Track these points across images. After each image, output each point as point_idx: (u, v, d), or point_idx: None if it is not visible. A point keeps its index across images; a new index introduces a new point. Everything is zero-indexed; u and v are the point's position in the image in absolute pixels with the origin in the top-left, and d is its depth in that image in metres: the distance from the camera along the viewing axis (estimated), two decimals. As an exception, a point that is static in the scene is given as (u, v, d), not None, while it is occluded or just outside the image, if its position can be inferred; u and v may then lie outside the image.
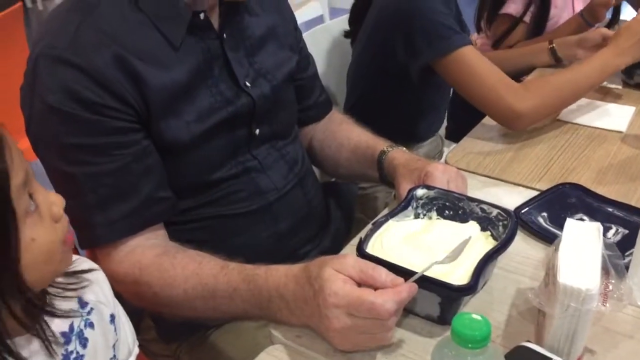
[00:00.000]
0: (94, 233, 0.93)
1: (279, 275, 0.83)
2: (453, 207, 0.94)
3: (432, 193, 0.96)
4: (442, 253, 0.81)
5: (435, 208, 0.95)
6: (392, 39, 1.39)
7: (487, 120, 1.41)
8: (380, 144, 1.18)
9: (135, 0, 0.94)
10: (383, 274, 0.74)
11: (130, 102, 0.91)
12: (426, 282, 0.77)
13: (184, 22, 0.96)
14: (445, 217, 0.95)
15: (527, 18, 1.87)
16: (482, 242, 0.88)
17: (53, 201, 0.65)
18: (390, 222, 0.90)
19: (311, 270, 0.78)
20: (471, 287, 0.77)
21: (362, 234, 0.88)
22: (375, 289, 0.74)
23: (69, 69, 0.87)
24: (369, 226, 0.89)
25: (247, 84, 1.04)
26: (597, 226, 0.79)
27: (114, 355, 0.78)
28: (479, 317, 0.59)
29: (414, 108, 1.57)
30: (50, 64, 0.88)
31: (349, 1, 1.64)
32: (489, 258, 0.82)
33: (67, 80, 0.87)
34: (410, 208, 0.95)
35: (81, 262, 0.77)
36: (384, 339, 0.76)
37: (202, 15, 0.98)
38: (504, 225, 0.90)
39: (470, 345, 0.57)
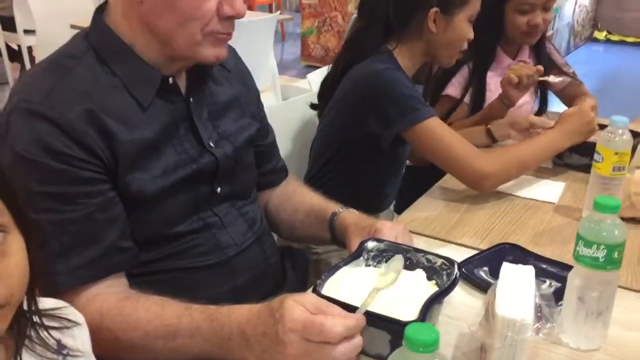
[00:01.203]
0: (56, 280, 0.95)
1: (241, 311, 0.87)
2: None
3: (381, 245, 1.03)
4: (387, 292, 0.88)
5: (384, 259, 1.02)
6: (364, 112, 1.51)
7: (434, 189, 1.54)
8: (331, 206, 1.25)
9: (108, 65, 1.02)
10: (336, 309, 0.80)
11: (98, 154, 0.96)
12: (376, 319, 0.83)
13: (153, 86, 1.04)
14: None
15: (467, 99, 2.03)
16: (429, 289, 0.95)
17: None
18: (344, 268, 0.96)
19: (273, 304, 0.83)
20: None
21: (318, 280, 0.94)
22: None
23: (41, 121, 0.93)
24: (323, 274, 0.95)
25: (211, 144, 1.12)
26: (530, 268, 0.88)
27: None
28: (428, 326, 0.65)
29: (374, 179, 1.67)
30: (24, 117, 0.94)
31: (299, 93, 1.80)
32: (435, 298, 0.88)
33: (39, 131, 0.93)
34: (361, 259, 1.01)
35: (71, 311, 0.80)
36: None
37: (170, 80, 1.07)
38: (448, 274, 0.97)
39: (421, 349, 0.62)
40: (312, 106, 1.78)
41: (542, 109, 2.14)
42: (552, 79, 1.87)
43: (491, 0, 1.89)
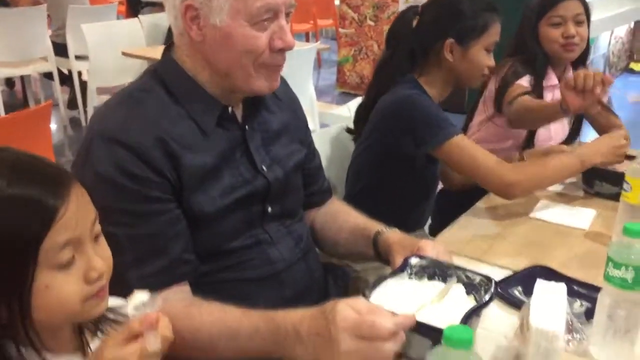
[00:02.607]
0: (128, 287, 1.05)
1: (296, 314, 0.97)
2: (442, 274, 1.09)
3: (424, 262, 1.11)
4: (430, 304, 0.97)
5: (426, 275, 1.10)
6: (397, 136, 1.64)
7: (468, 214, 1.62)
8: (375, 225, 1.33)
9: (176, 96, 1.14)
10: (386, 311, 0.90)
11: (167, 176, 1.08)
12: (420, 327, 0.91)
13: (214, 115, 1.16)
14: (436, 281, 1.09)
15: None
16: (468, 303, 1.03)
17: (94, 267, 0.78)
18: (389, 280, 1.05)
19: (326, 306, 0.92)
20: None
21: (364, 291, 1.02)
22: None
23: (119, 147, 1.06)
24: (371, 285, 1.04)
25: (264, 168, 1.22)
26: (562, 285, 0.96)
27: None
28: (464, 327, 0.73)
29: (409, 199, 1.78)
30: (104, 143, 1.07)
31: (335, 119, 1.91)
32: (475, 311, 0.96)
33: (117, 156, 1.05)
34: (404, 273, 1.10)
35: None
36: None
37: (229, 110, 1.18)
38: (486, 290, 1.04)
39: (458, 346, 0.71)
40: (348, 130, 1.90)
41: (574, 136, 2.20)
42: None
43: (527, 21, 2.01)
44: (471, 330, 0.72)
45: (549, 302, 0.91)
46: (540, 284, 0.96)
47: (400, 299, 0.99)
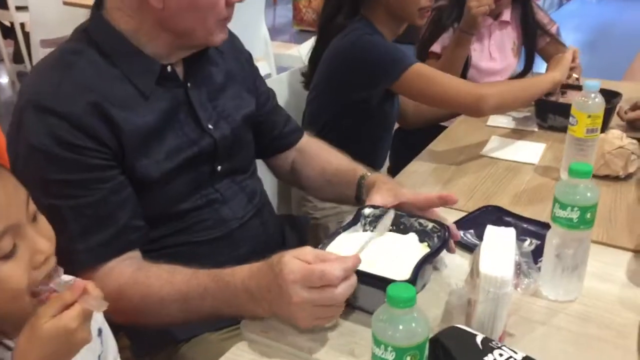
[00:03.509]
0: (76, 259, 1.02)
1: (244, 270, 0.97)
2: (395, 223, 1.10)
3: (377, 211, 1.11)
4: (383, 254, 0.98)
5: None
6: (349, 76, 1.61)
7: (422, 155, 1.63)
8: (359, 168, 1.31)
9: (110, 57, 1.08)
10: (334, 255, 0.91)
11: (106, 143, 1.03)
12: (372, 279, 0.91)
13: (153, 75, 1.10)
14: (389, 231, 1.10)
15: None
16: (421, 251, 1.04)
17: (39, 249, 0.75)
18: (343, 234, 1.05)
19: (272, 259, 0.93)
20: (410, 282, 0.92)
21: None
22: None
23: (52, 116, 1.00)
24: (324, 240, 1.04)
25: (210, 126, 1.18)
26: (511, 230, 0.97)
27: None
28: (406, 285, 0.74)
29: (366, 140, 1.76)
30: (35, 112, 1.01)
31: (293, 61, 1.85)
32: (426, 259, 0.98)
33: (50, 125, 1.00)
34: (359, 224, 1.10)
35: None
36: (335, 312, 0.91)
37: (169, 68, 1.13)
38: (439, 237, 1.06)
39: (400, 305, 0.72)
40: (304, 80, 1.85)
41: (527, 70, 2.21)
42: None
43: None
44: (413, 289, 0.73)
45: (498, 248, 0.92)
46: (490, 230, 0.97)
47: (353, 250, 0.99)
